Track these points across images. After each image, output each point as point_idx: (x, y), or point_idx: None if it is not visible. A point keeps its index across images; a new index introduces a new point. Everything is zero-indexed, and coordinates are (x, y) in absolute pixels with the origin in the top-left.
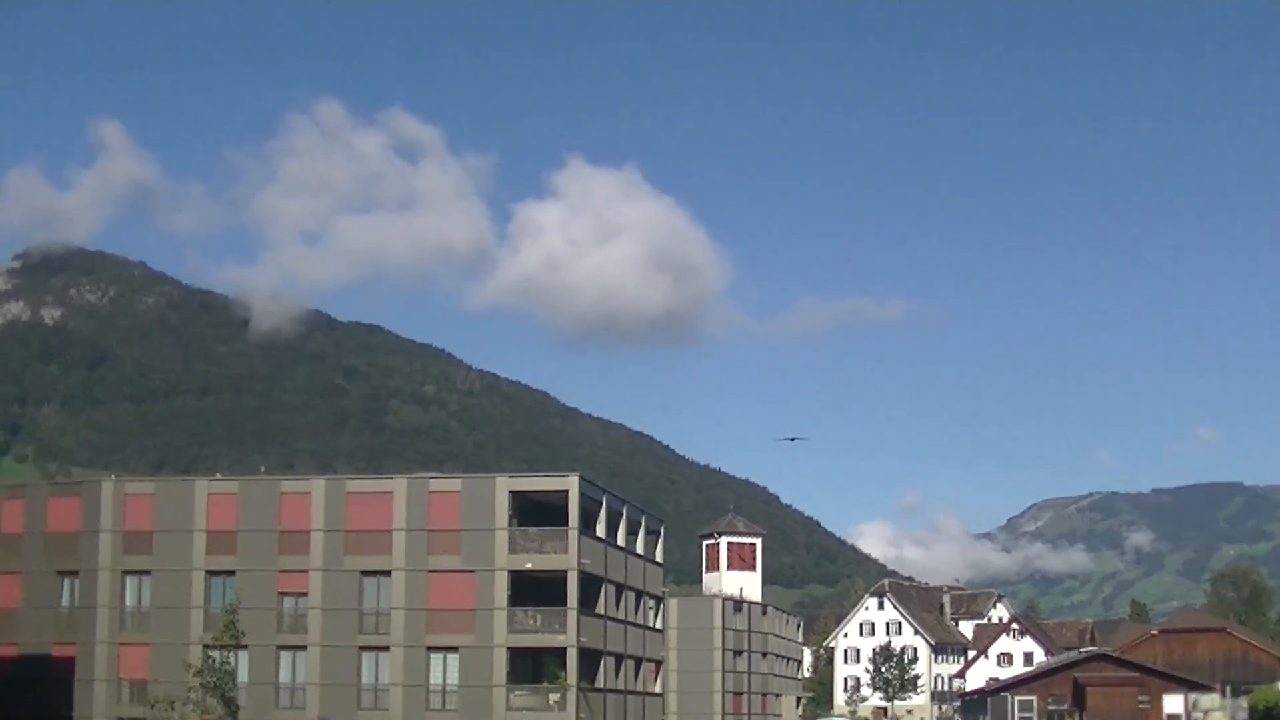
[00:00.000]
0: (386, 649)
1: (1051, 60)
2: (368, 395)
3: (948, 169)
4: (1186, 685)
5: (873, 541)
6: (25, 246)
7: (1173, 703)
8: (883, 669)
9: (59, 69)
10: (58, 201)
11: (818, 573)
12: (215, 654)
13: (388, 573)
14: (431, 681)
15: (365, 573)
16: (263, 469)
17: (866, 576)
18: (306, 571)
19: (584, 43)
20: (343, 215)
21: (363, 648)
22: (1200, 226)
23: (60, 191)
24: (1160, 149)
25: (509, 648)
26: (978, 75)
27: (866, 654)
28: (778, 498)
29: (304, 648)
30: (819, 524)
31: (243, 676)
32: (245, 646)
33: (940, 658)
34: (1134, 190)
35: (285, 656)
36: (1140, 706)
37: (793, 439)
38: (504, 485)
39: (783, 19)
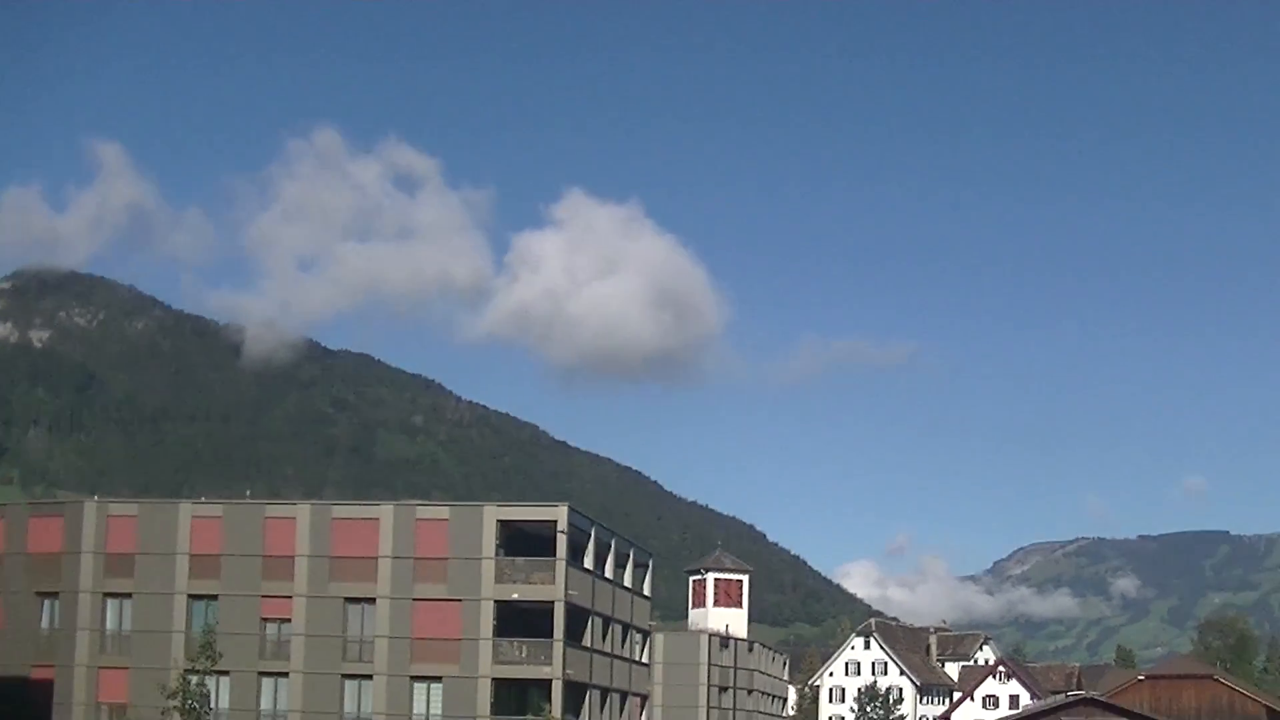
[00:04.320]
0: (370, 678)
1: (1057, 101)
2: (357, 425)
3: (950, 212)
4: None
5: (858, 581)
6: (17, 268)
7: None
8: (868, 709)
9: (59, 90)
10: (54, 223)
11: (803, 611)
12: (193, 678)
13: (373, 600)
14: (415, 711)
15: (350, 600)
16: (248, 494)
17: (852, 616)
18: (291, 598)
19: (588, 75)
20: (339, 244)
21: (346, 676)
22: (1193, 277)
23: (57, 213)
24: (1154, 196)
25: (494, 679)
26: (982, 116)
27: (852, 693)
28: (765, 535)
29: (286, 675)
30: (805, 563)
31: (224, 703)
32: (227, 672)
33: (925, 699)
34: (1130, 240)
35: (267, 683)
36: None
37: None
38: (492, 514)
39: (790, 58)
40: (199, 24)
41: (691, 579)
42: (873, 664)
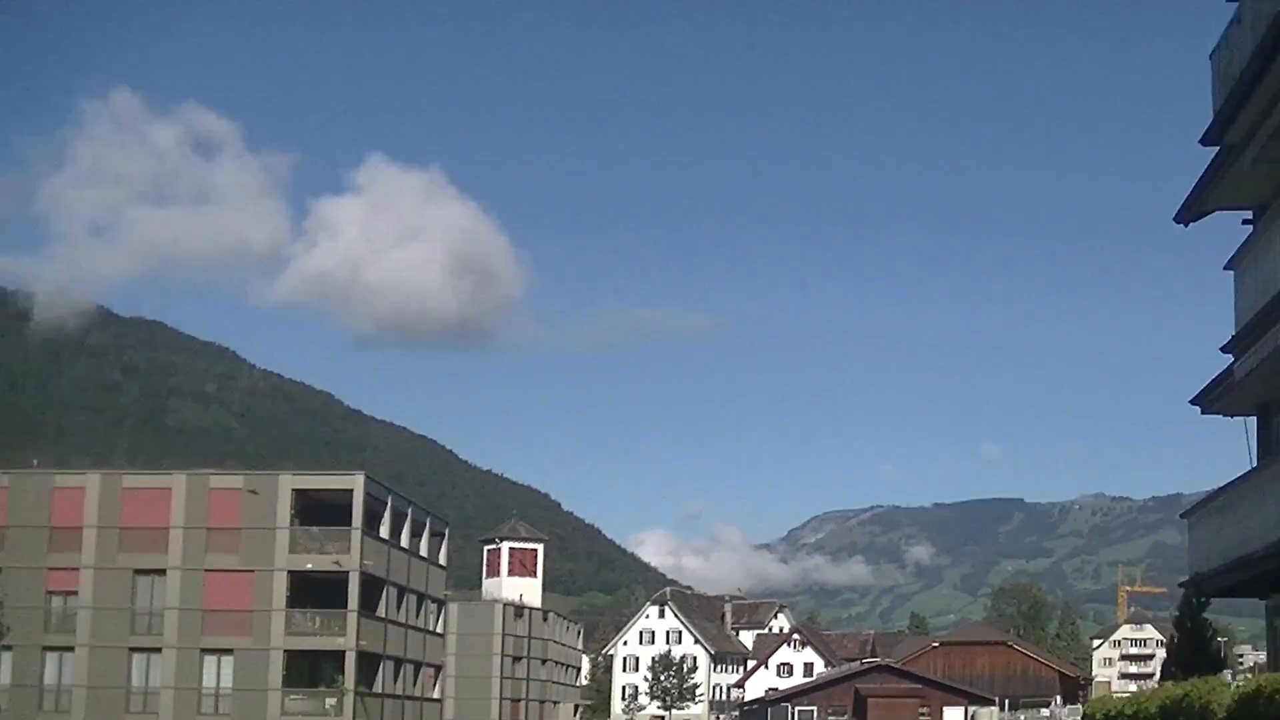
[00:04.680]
0: (159, 650)
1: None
2: (147, 393)
3: (748, 178)
4: (967, 698)
5: (652, 550)
6: None
7: (954, 715)
8: (661, 677)
9: None
10: None
11: (597, 580)
12: None
13: (163, 571)
14: (204, 684)
15: (139, 571)
16: (35, 463)
17: (647, 585)
18: (78, 569)
19: (390, 39)
20: (133, 208)
21: (134, 649)
22: (987, 242)
23: None
24: (940, 152)
25: (286, 650)
26: (781, 78)
27: (646, 662)
28: (559, 505)
29: (71, 649)
30: (600, 531)
31: (5, 678)
32: (10, 647)
33: (720, 667)
34: (922, 201)
35: (52, 658)
36: (921, 718)
37: None
38: (287, 483)
39: (586, 22)
40: None
41: (486, 548)
42: (667, 632)
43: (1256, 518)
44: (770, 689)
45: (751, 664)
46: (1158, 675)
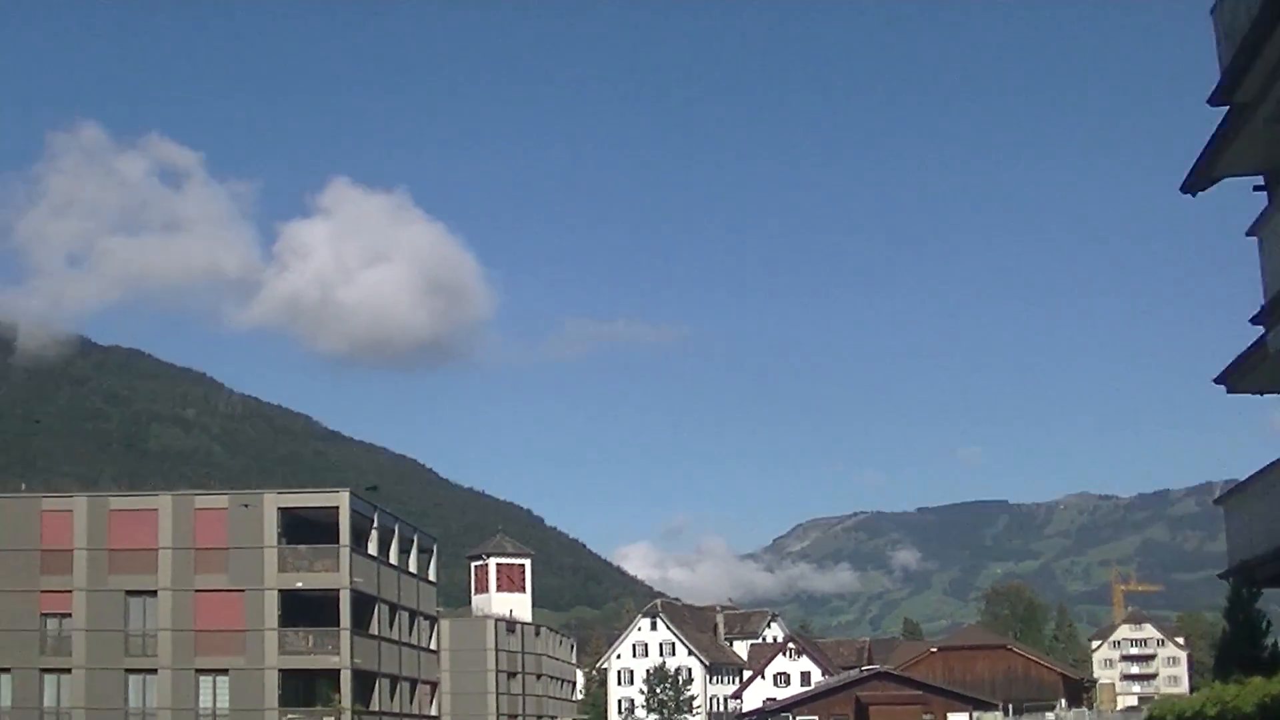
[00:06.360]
0: (154, 671)
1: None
2: (129, 419)
3: (713, 186)
4: (971, 703)
5: (638, 563)
6: None
7: None
8: (657, 690)
9: None
10: None
11: (584, 594)
12: None
13: (154, 592)
14: (201, 705)
15: (130, 592)
16: (24, 487)
17: (634, 598)
18: (70, 592)
19: (344, 64)
20: (107, 239)
21: (129, 670)
22: (963, 244)
23: None
24: (923, 154)
25: (280, 669)
26: (745, 81)
27: (640, 675)
28: (543, 520)
29: (68, 670)
30: (584, 546)
31: (4, 701)
32: (8, 669)
33: (715, 678)
34: (896, 205)
35: (49, 680)
36: None
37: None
38: (272, 502)
39: (545, 35)
40: None
41: (473, 564)
42: (660, 645)
43: None
44: (768, 699)
45: (747, 674)
46: (1160, 675)
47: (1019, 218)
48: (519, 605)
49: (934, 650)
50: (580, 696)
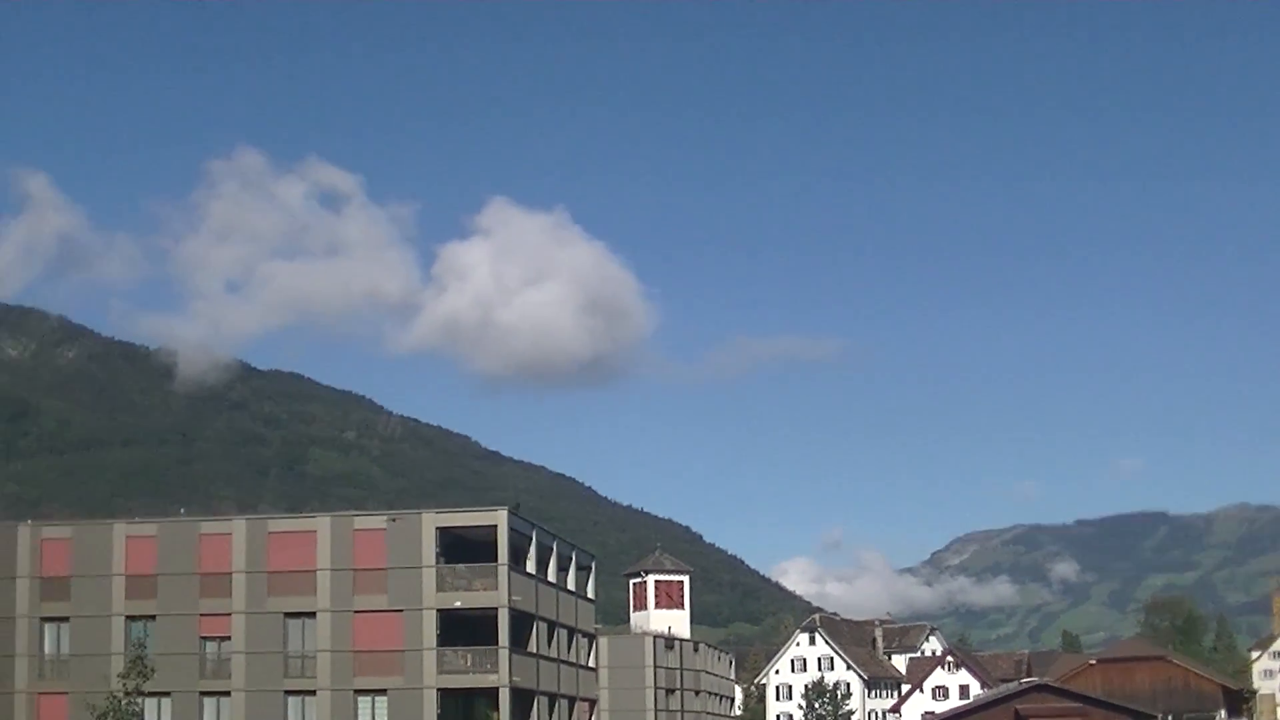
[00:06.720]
0: (313, 693)
1: (987, 88)
2: (289, 443)
3: (875, 206)
4: (1130, 715)
5: (796, 578)
6: None
7: None
8: (816, 705)
9: None
10: None
11: (742, 610)
12: (122, 697)
13: (313, 614)
14: None
15: (289, 614)
16: (183, 511)
17: (793, 613)
18: (229, 615)
19: (504, 83)
20: (266, 263)
21: (289, 692)
22: (1119, 257)
23: None
24: (1079, 176)
25: (439, 689)
26: (907, 105)
27: (799, 690)
28: (701, 536)
29: (228, 693)
30: (743, 562)
31: None
32: (168, 693)
33: (874, 692)
34: (1050, 222)
35: (209, 703)
36: None
37: None
38: (430, 521)
39: (706, 56)
40: (113, 49)
41: (631, 582)
42: (818, 659)
43: None
44: (927, 713)
45: (905, 688)
46: None
47: (1179, 228)
48: (677, 622)
49: (1093, 662)
50: (739, 712)
